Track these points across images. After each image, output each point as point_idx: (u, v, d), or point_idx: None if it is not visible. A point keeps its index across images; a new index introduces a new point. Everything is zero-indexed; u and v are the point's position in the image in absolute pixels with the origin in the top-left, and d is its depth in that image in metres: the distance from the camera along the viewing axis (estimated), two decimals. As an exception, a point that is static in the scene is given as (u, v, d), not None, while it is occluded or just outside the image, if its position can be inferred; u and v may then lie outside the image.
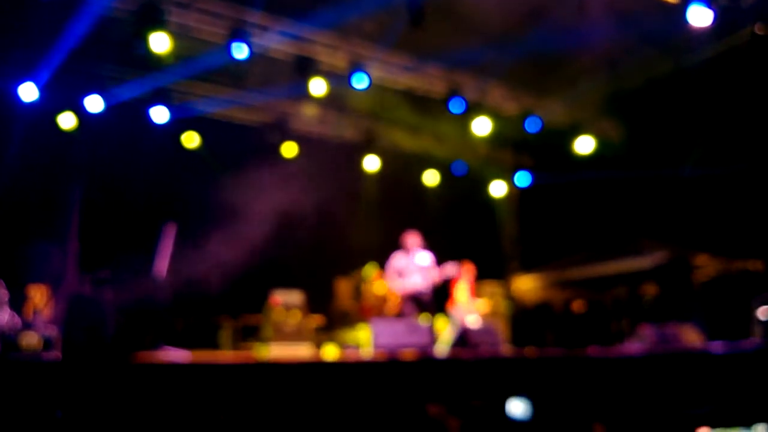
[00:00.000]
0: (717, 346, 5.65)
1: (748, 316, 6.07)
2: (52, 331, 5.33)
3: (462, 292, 7.96)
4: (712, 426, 4.50)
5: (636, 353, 5.66)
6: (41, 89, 7.20)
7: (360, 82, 7.61)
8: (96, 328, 4.54)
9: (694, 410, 4.52)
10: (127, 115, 7.91)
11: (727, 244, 8.01)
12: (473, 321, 7.67)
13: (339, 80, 7.71)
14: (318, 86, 7.70)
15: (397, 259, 7.63)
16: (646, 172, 9.02)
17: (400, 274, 7.56)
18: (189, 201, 7.88)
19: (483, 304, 8.11)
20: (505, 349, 6.97)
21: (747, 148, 7.99)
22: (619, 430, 4.45)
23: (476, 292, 8.21)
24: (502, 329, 8.05)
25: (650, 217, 9.05)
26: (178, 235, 6.20)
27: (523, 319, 9.03)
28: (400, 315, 7.38)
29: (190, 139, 8.49)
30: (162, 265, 5.87)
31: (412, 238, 7.71)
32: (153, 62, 7.15)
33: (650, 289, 8.53)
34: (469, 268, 8.06)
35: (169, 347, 5.60)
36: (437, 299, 7.81)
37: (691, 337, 5.82)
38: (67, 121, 7.76)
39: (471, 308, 7.93)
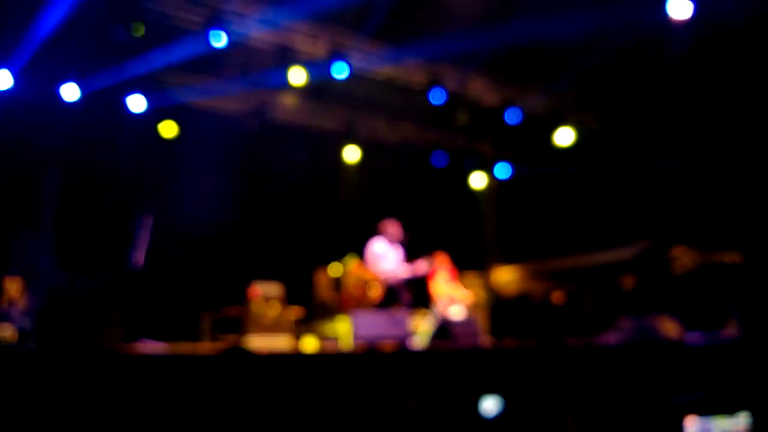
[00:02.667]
0: (695, 338, 5.70)
1: (725, 308, 6.12)
2: (28, 323, 5.26)
3: (439, 285, 7.95)
4: (700, 414, 4.54)
5: (614, 344, 5.70)
6: (16, 76, 7.06)
7: (340, 71, 7.55)
8: (71, 320, 4.48)
9: (681, 399, 4.55)
10: (103, 104, 7.79)
11: (706, 236, 8.07)
12: (457, 312, 7.68)
13: (319, 70, 7.64)
14: (297, 75, 7.63)
15: (377, 245, 7.62)
16: (625, 164, 9.07)
17: (381, 259, 7.55)
18: (166, 191, 7.80)
19: (467, 294, 8.10)
20: (485, 340, 6.99)
21: (726, 139, 8.06)
22: (602, 419, 4.47)
23: (458, 282, 8.22)
24: (481, 321, 8.06)
25: (629, 209, 9.10)
26: (155, 225, 6.14)
27: (502, 310, 9.04)
28: (382, 304, 7.36)
29: (169, 129, 8.39)
30: (139, 255, 5.81)
31: (393, 228, 7.70)
32: (130, 50, 7.05)
33: (629, 281, 8.57)
34: (443, 259, 8.06)
35: (147, 339, 5.55)
36: (416, 292, 7.81)
37: (670, 328, 5.85)
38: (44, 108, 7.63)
39: (454, 299, 7.92)
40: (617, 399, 4.57)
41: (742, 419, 4.67)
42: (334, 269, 8.14)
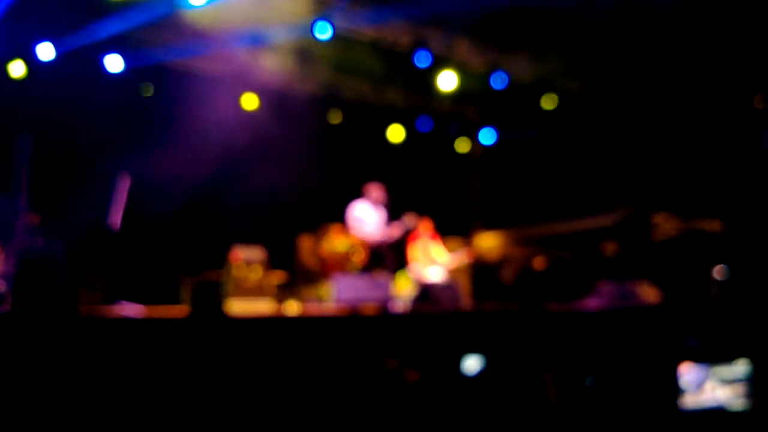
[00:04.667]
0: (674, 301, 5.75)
1: (704, 274, 6.17)
2: (2, 286, 5.17)
3: (417, 250, 7.95)
4: (696, 361, 4.57)
5: (594, 308, 5.73)
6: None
7: (323, 32, 7.41)
8: (47, 282, 4.42)
9: (672, 346, 4.59)
10: (80, 64, 7.62)
11: (687, 203, 8.11)
12: (433, 275, 7.68)
13: (302, 30, 7.50)
14: (281, 35, 7.48)
15: (358, 208, 7.58)
16: (608, 132, 9.06)
17: (363, 222, 7.52)
18: (144, 152, 7.67)
19: (454, 259, 8.11)
20: (466, 304, 7.01)
21: (708, 108, 8.05)
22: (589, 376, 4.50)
23: (442, 246, 8.23)
24: (463, 285, 8.08)
25: (611, 176, 9.11)
26: (133, 187, 6.05)
27: (484, 275, 9.07)
28: (365, 268, 7.35)
29: (147, 89, 8.24)
30: (116, 217, 5.72)
31: (376, 191, 7.66)
32: (108, 8, 6.87)
33: (610, 247, 8.62)
34: (427, 226, 8.04)
35: (126, 302, 5.50)
36: (399, 255, 7.80)
37: (649, 294, 5.90)
38: (17, 69, 7.45)
39: (432, 262, 7.93)
40: (602, 357, 4.61)
41: (741, 367, 4.70)
42: (318, 234, 8.11)
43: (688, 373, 4.53)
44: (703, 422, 4.50)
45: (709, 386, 4.56)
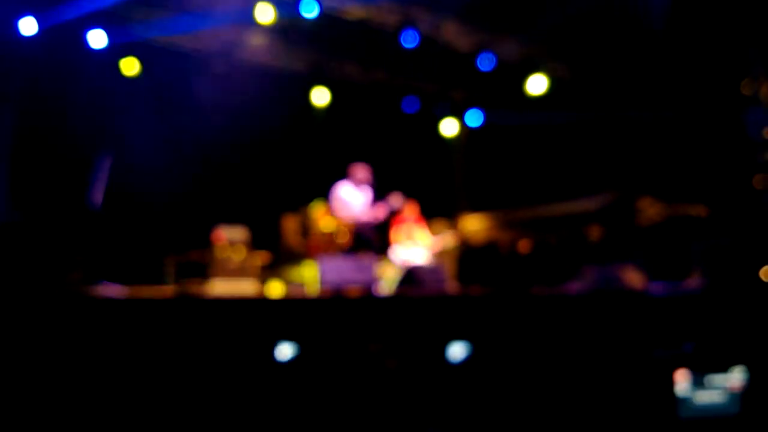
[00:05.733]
0: (657, 288, 5.76)
1: (689, 259, 6.19)
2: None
3: (401, 233, 7.93)
4: (692, 369, 4.59)
5: (578, 292, 5.74)
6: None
7: (309, 10, 7.31)
8: (28, 262, 4.37)
9: (669, 351, 4.59)
10: (62, 39, 7.47)
11: (671, 188, 8.14)
12: (416, 257, 7.67)
13: (288, 8, 7.39)
14: (265, 12, 7.37)
15: (343, 189, 7.53)
16: (594, 115, 9.05)
17: (347, 203, 7.48)
18: (127, 131, 7.58)
19: (438, 241, 8.14)
20: (451, 287, 7.00)
21: (694, 92, 8.05)
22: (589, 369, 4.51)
23: (426, 228, 8.22)
24: (449, 268, 8.08)
25: (596, 160, 9.12)
26: (116, 165, 5.97)
27: (469, 258, 9.07)
28: (350, 250, 7.32)
29: (130, 66, 8.10)
30: (97, 196, 5.65)
31: (361, 171, 7.61)
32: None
33: (595, 231, 8.64)
34: (413, 209, 8.02)
35: (108, 282, 5.44)
36: (384, 237, 7.78)
37: (634, 278, 5.91)
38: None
39: (416, 245, 7.92)
40: (593, 347, 4.62)
41: (737, 374, 4.72)
42: (302, 214, 8.07)
43: (684, 380, 4.55)
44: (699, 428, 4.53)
45: (705, 393, 4.60)
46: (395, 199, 7.54)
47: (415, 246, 7.88)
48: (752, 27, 7.36)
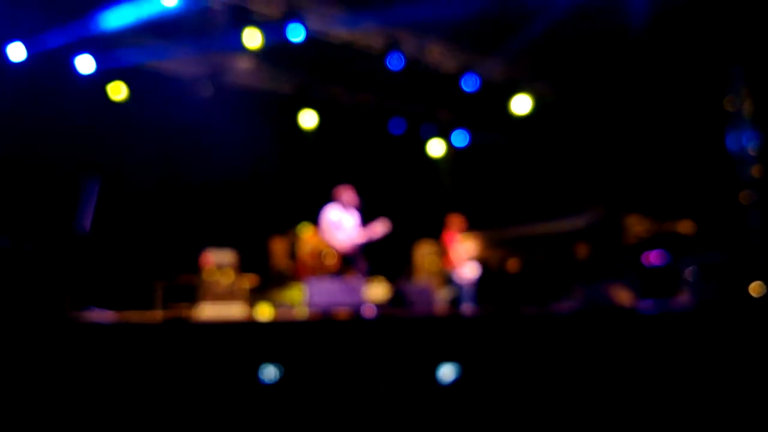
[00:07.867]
0: (647, 305, 5.78)
1: (677, 276, 6.22)
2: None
3: (457, 249, 8.25)
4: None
5: (568, 311, 5.75)
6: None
7: (296, 34, 7.36)
8: (14, 287, 4.34)
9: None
10: (50, 65, 7.50)
11: (658, 205, 8.19)
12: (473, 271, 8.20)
13: (275, 32, 7.44)
14: (252, 37, 7.42)
15: (332, 212, 7.54)
16: (580, 133, 9.12)
17: (337, 227, 7.48)
18: (115, 156, 7.58)
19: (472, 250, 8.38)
20: (440, 308, 7.01)
21: (680, 110, 8.14)
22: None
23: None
24: (437, 288, 8.08)
25: (583, 178, 9.18)
26: (103, 191, 5.96)
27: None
28: (337, 273, 7.31)
29: (117, 90, 8.12)
30: (85, 221, 5.63)
31: (347, 194, 7.62)
32: (80, 9, 6.79)
33: (582, 249, 8.67)
34: (458, 222, 8.58)
35: (96, 308, 5.41)
36: (372, 258, 7.78)
37: (623, 296, 5.93)
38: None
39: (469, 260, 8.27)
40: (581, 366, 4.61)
41: None
42: (290, 237, 8.07)
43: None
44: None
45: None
46: (378, 226, 7.56)
47: (465, 261, 8.18)
48: (734, 44, 7.47)
